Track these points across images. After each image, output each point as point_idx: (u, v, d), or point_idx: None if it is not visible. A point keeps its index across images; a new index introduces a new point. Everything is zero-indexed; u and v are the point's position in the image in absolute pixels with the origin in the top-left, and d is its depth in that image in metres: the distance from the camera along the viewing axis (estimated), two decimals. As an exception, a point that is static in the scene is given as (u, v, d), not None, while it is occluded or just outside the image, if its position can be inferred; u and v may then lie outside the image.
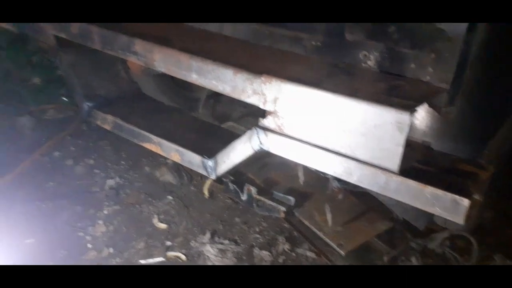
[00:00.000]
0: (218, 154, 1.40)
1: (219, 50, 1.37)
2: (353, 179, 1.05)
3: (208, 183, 2.17)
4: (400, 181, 0.99)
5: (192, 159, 1.49)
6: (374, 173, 1.01)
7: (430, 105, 1.13)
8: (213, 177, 1.45)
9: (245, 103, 1.21)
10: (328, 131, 1.04)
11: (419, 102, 0.97)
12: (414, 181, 0.98)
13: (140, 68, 2.02)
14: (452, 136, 1.26)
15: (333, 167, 1.07)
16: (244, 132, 1.31)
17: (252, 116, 2.89)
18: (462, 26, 1.04)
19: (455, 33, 1.04)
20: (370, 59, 1.20)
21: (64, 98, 2.96)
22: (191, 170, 2.35)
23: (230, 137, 1.67)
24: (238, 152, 1.33)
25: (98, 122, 1.74)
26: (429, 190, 0.96)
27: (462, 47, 1.05)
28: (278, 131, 1.16)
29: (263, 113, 1.31)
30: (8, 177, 2.19)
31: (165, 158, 2.43)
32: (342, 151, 1.03)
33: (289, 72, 1.16)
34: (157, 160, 2.42)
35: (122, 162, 2.42)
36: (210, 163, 1.43)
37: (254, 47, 1.41)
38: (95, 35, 1.56)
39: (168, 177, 2.30)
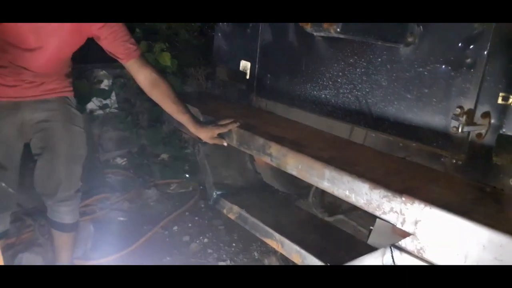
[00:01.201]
0: (345, 264, 1.37)
1: (353, 159, 1.40)
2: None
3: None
4: None
5: (313, 264, 1.48)
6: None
7: None
8: (336, 286, 1.41)
9: None
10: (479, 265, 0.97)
11: None
12: None
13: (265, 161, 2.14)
14: None
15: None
16: (354, 228, 1.28)
17: (361, 209, 2.82)
18: None
19: None
20: (523, 187, 1.13)
21: (187, 175, 3.24)
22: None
23: (351, 241, 1.65)
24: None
25: (224, 211, 1.85)
26: None
27: None
28: (416, 254, 1.11)
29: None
30: (133, 247, 2.41)
31: (275, 246, 2.45)
32: (497, 292, 0.94)
33: (431, 193, 1.13)
34: (266, 246, 2.45)
35: (234, 244, 2.49)
36: (333, 271, 1.41)
37: (389, 159, 1.41)
38: (234, 134, 1.73)
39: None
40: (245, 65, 2.12)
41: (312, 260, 1.47)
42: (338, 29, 1.35)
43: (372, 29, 1.37)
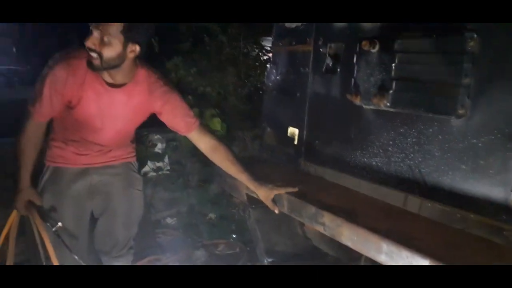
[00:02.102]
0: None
1: (410, 231, 1.38)
2: None
3: None
4: None
5: None
6: None
7: None
8: None
9: None
10: None
11: None
12: None
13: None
14: None
15: None
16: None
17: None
18: None
19: None
20: None
21: (234, 235, 3.26)
22: None
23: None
24: None
25: (276, 279, 1.84)
26: None
27: None
28: None
29: None
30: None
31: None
32: None
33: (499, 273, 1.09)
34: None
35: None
36: None
37: (446, 231, 1.38)
38: (285, 201, 1.76)
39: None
40: (293, 131, 2.20)
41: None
42: (388, 104, 1.40)
43: (422, 102, 1.41)
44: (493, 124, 1.30)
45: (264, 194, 1.76)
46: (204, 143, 1.82)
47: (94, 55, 1.52)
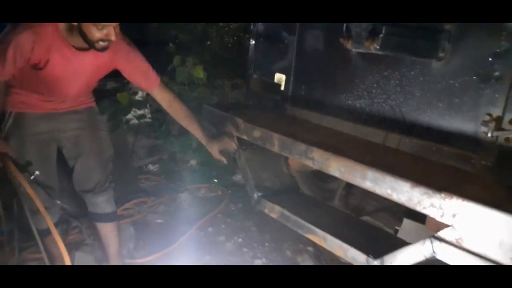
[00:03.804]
0: (386, 256, 1.53)
1: (391, 162, 1.56)
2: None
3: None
4: None
5: (356, 257, 1.63)
6: None
7: None
8: (377, 276, 1.57)
9: (378, 197, 1.37)
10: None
11: None
12: None
13: (298, 165, 2.31)
14: None
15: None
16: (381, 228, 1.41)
17: (385, 211, 2.98)
18: None
19: None
20: (548, 184, 1.28)
21: (215, 180, 3.41)
22: (331, 260, 2.50)
23: (384, 236, 1.80)
24: (407, 256, 1.45)
25: (266, 211, 2.02)
26: None
27: None
28: (456, 244, 1.26)
29: (405, 212, 1.44)
30: (172, 247, 2.57)
31: (305, 245, 2.61)
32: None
33: (467, 190, 1.29)
34: (298, 245, 2.61)
35: (266, 244, 2.65)
36: (375, 263, 1.56)
37: (423, 162, 1.57)
38: (276, 141, 1.90)
39: (309, 264, 2.45)
40: (279, 77, 2.30)
41: (354, 253, 1.63)
42: (378, 47, 1.53)
43: (407, 46, 1.55)
44: (469, 66, 1.46)
45: (214, 147, 1.97)
46: (164, 99, 1.97)
47: (105, 44, 1.65)
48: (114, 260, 2.24)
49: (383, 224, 2.70)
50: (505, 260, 1.15)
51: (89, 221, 2.52)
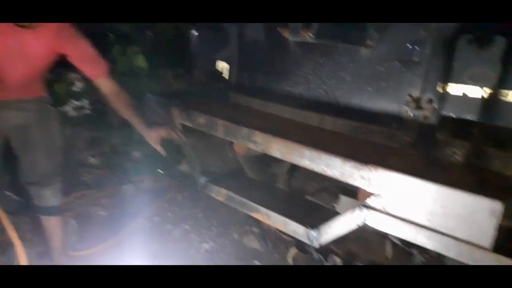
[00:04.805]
0: (322, 226, 1.66)
1: (326, 142, 1.69)
2: (451, 254, 1.26)
3: (292, 252, 2.40)
4: (493, 257, 1.19)
5: (296, 229, 1.75)
6: (471, 250, 1.22)
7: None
8: (316, 245, 1.70)
9: (318, 179, 1.51)
10: (430, 213, 1.29)
11: (507, 193, 1.21)
12: (505, 258, 1.18)
13: (242, 150, 2.40)
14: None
15: (433, 243, 1.29)
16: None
17: (325, 191, 3.17)
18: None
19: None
20: (458, 155, 1.48)
21: (160, 170, 3.41)
22: (275, 238, 2.63)
23: (322, 210, 1.95)
24: (341, 225, 1.59)
25: (213, 194, 2.08)
26: (521, 266, 1.16)
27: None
28: (382, 210, 1.41)
29: (342, 191, 1.60)
30: (117, 238, 2.56)
31: (251, 226, 2.71)
32: (442, 230, 1.26)
33: (391, 162, 1.45)
34: (244, 228, 2.70)
35: (214, 229, 2.72)
36: (314, 233, 1.69)
37: (354, 140, 1.72)
38: (220, 126, 1.96)
39: (255, 244, 2.55)
40: (222, 65, 2.37)
41: (295, 226, 1.74)
42: (313, 35, 1.64)
43: (339, 35, 1.68)
44: (392, 53, 1.63)
45: (153, 137, 2.04)
46: (109, 89, 1.97)
47: None
48: (58, 253, 2.19)
49: (323, 203, 2.87)
50: (424, 222, 1.31)
51: (28, 217, 2.43)
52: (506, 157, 1.35)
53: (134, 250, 2.47)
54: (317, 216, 1.82)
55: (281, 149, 1.71)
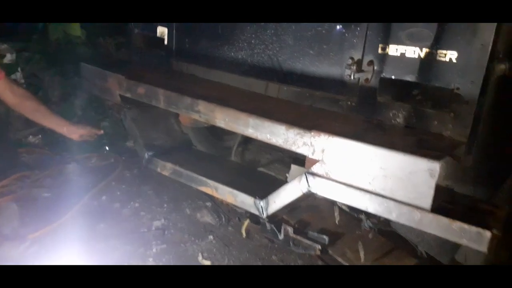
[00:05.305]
0: (269, 195, 1.63)
1: (270, 109, 1.64)
2: (392, 217, 1.27)
3: (245, 224, 2.37)
4: (432, 218, 1.21)
5: (245, 200, 1.72)
6: (411, 211, 1.23)
7: (452, 155, 1.37)
8: (264, 216, 1.68)
9: (271, 150, 1.48)
10: (371, 177, 1.28)
11: (445, 153, 1.22)
12: (444, 217, 1.20)
13: (189, 122, 2.30)
14: (471, 181, 1.49)
15: (375, 206, 1.29)
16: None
17: (277, 162, 3.16)
18: (475, 91, 1.31)
19: (470, 97, 1.31)
20: (398, 117, 1.47)
21: (106, 147, 3.24)
22: (228, 211, 2.60)
23: (272, 180, 1.92)
24: (288, 194, 1.57)
25: (158, 169, 1.99)
26: (457, 224, 1.18)
27: (476, 108, 1.31)
28: (325, 176, 1.40)
29: (292, 160, 1.57)
30: (62, 220, 2.43)
31: (204, 201, 2.66)
32: (383, 193, 1.26)
33: (333, 127, 1.42)
34: (196, 203, 2.64)
35: (165, 205, 2.64)
36: (262, 203, 1.66)
37: (298, 107, 1.68)
38: (161, 96, 1.86)
39: (208, 218, 2.51)
40: (162, 30, 2.22)
41: (243, 197, 1.71)
42: (250, -5, 1.54)
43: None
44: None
45: (76, 133, 1.99)
46: (12, 93, 1.82)
47: None
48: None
49: (275, 174, 2.86)
50: (366, 186, 1.30)
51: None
52: (444, 118, 1.35)
53: (81, 232, 2.36)
54: (267, 187, 1.79)
55: (225, 118, 1.64)
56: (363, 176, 1.29)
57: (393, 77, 1.44)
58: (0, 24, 3.13)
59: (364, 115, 1.54)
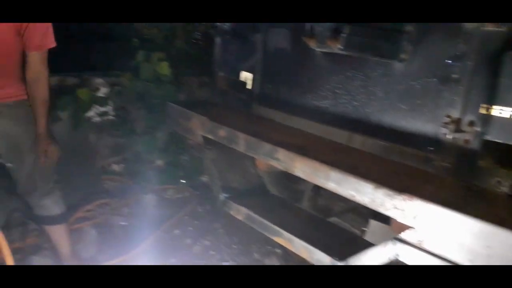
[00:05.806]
0: (350, 257, 1.52)
1: (355, 163, 1.55)
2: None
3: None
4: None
5: (322, 259, 1.62)
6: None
7: None
8: (341, 277, 1.56)
9: (345, 198, 1.38)
10: (472, 254, 1.13)
11: None
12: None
13: (266, 167, 2.28)
14: None
15: (475, 287, 1.14)
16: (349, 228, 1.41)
17: (352, 212, 3.00)
18: None
19: None
20: (504, 186, 1.31)
21: (182, 180, 3.34)
22: (299, 262, 2.49)
23: (348, 235, 1.81)
24: (371, 259, 1.45)
25: (232, 212, 1.98)
26: None
27: None
28: (417, 245, 1.27)
29: (373, 214, 1.46)
30: (137, 250, 2.50)
31: (273, 247, 2.59)
32: (487, 274, 1.11)
33: (427, 191, 1.30)
34: (265, 247, 2.59)
35: (234, 246, 2.62)
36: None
37: (386, 162, 1.58)
38: (241, 140, 1.86)
39: (277, 265, 2.43)
40: (245, 75, 2.27)
41: (320, 255, 1.61)
42: (340, 46, 1.51)
43: (369, 47, 1.54)
44: (428, 68, 1.47)
45: (43, 144, 1.86)
46: (36, 69, 1.79)
47: None
48: (68, 263, 2.15)
49: (350, 225, 2.71)
50: (464, 262, 1.16)
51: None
52: None
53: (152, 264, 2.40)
54: (345, 245, 1.69)
55: (305, 169, 1.58)
56: (463, 252, 1.15)
57: (498, 140, 1.30)
58: (98, 60, 3.45)
59: (461, 179, 1.40)
